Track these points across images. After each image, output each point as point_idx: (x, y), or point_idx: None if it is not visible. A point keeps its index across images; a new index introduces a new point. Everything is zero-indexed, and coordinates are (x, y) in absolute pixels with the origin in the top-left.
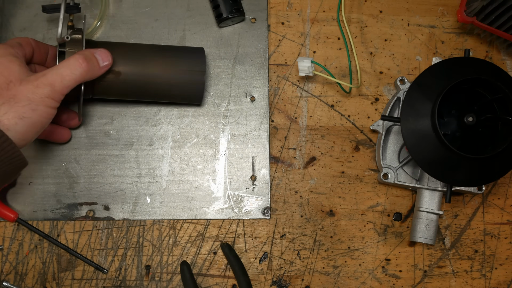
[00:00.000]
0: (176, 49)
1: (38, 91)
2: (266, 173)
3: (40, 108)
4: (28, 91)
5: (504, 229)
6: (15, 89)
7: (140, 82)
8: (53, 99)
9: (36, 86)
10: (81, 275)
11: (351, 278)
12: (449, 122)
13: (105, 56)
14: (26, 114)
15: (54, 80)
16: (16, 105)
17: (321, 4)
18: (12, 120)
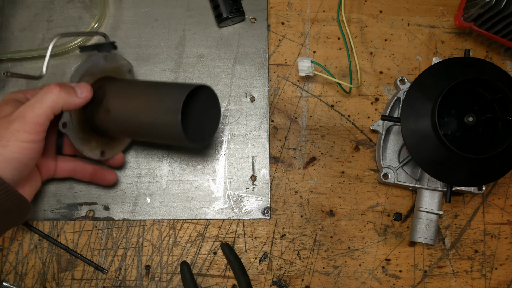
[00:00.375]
0: (171, 86)
1: (10, 125)
2: (266, 173)
3: (11, 144)
4: (1, 127)
5: (504, 229)
6: None
7: (126, 121)
8: (26, 131)
9: (9, 121)
10: (81, 275)
11: (351, 278)
12: (449, 122)
13: (84, 88)
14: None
15: (25, 111)
16: None
17: (321, 4)
18: None
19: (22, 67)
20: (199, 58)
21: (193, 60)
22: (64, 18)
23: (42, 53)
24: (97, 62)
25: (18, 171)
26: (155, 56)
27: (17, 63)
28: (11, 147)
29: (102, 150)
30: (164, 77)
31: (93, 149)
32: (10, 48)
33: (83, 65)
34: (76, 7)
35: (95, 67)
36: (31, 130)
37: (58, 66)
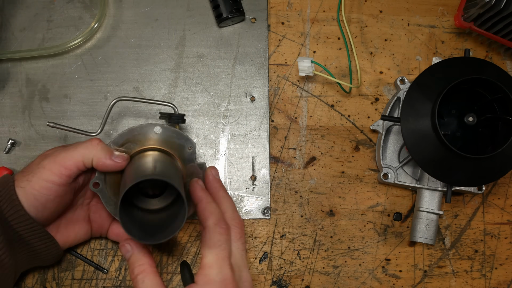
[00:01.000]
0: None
1: (41, 161)
2: (266, 173)
3: (34, 180)
4: (35, 162)
5: (504, 229)
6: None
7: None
8: (50, 170)
9: (43, 157)
10: (81, 275)
11: (351, 278)
12: (449, 122)
13: (120, 156)
14: (22, 184)
15: (59, 152)
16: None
17: (321, 4)
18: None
19: (22, 67)
20: (199, 58)
21: (193, 60)
22: (64, 18)
23: (42, 53)
24: (146, 132)
25: (35, 208)
26: (155, 56)
27: (17, 63)
28: (33, 183)
29: None
30: (164, 77)
31: None
32: (10, 48)
33: (131, 131)
34: (76, 7)
35: (143, 135)
36: (56, 170)
37: (58, 66)
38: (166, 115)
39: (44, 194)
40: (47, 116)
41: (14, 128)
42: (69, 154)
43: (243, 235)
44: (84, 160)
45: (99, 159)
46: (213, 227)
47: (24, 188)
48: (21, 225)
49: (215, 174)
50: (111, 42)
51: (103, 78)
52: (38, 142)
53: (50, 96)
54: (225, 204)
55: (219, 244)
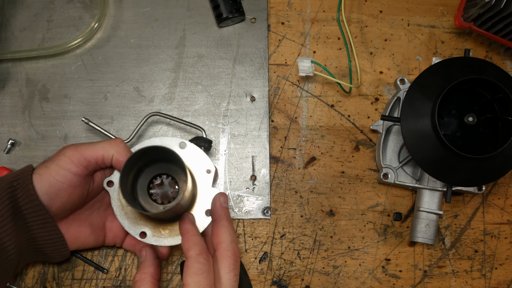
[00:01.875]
0: None
1: (62, 150)
2: (266, 173)
3: (52, 166)
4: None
5: (504, 229)
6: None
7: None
8: (69, 157)
9: (65, 147)
10: (81, 275)
11: (351, 278)
12: (449, 122)
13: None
14: (40, 171)
15: (81, 144)
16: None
17: (321, 4)
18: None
19: (22, 67)
20: (199, 58)
21: (193, 60)
22: (64, 18)
23: (42, 53)
24: (170, 145)
25: (47, 196)
26: (155, 56)
27: (17, 63)
28: (50, 169)
29: (142, 231)
30: (164, 77)
31: (135, 225)
32: (10, 48)
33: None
34: (76, 7)
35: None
36: (74, 158)
37: (58, 66)
38: (193, 140)
39: (58, 181)
40: (47, 116)
41: (14, 128)
42: (91, 146)
43: (236, 268)
44: (104, 155)
45: (119, 156)
46: (195, 256)
47: (41, 174)
48: (33, 214)
49: (223, 201)
50: (111, 42)
51: (103, 78)
52: (38, 142)
53: (50, 96)
54: (224, 234)
55: (200, 272)
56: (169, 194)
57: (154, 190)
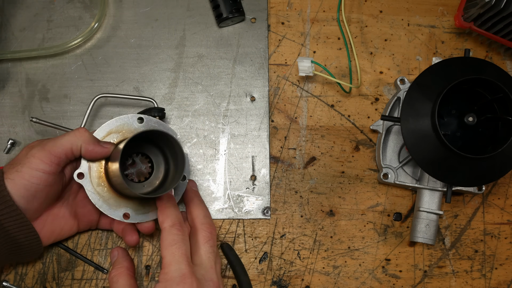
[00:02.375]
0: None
1: (29, 151)
2: (266, 173)
3: (24, 169)
4: (23, 153)
5: (504, 229)
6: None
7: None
8: (39, 158)
9: (30, 147)
10: (81, 275)
11: (351, 278)
12: (449, 122)
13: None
14: (11, 176)
15: (47, 141)
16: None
17: (321, 4)
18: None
19: (22, 67)
20: (199, 58)
21: (193, 60)
22: (64, 18)
23: (42, 53)
24: (129, 123)
25: (25, 199)
26: (155, 56)
27: (17, 63)
28: (22, 172)
29: (125, 212)
30: (164, 77)
31: (117, 208)
32: (10, 48)
33: (112, 123)
34: (76, 7)
35: (126, 126)
36: (45, 158)
37: (58, 66)
38: (146, 111)
39: (34, 183)
40: (47, 116)
41: (14, 128)
42: (58, 142)
43: (211, 239)
44: (72, 147)
45: (87, 146)
46: (168, 228)
47: (14, 179)
48: (10, 220)
49: (192, 185)
50: (111, 42)
51: (103, 78)
52: None
53: (50, 96)
54: (197, 211)
55: (174, 242)
56: (143, 170)
57: (128, 171)
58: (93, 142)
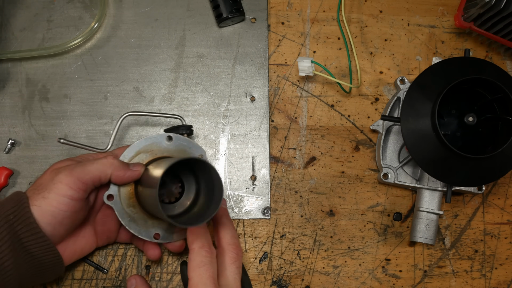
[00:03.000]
0: None
1: (56, 176)
2: (266, 173)
3: (50, 196)
4: (49, 177)
5: (504, 229)
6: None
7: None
8: (67, 184)
9: (57, 171)
10: (81, 275)
11: (351, 278)
12: (449, 122)
13: (138, 164)
14: (37, 202)
15: (74, 166)
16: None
17: (321, 4)
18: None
19: (22, 67)
20: (199, 58)
21: (193, 60)
22: (64, 18)
23: (42, 53)
24: (157, 142)
25: (51, 226)
26: (155, 56)
27: (17, 63)
28: (50, 199)
29: (156, 232)
30: (164, 77)
31: (147, 228)
32: (10, 48)
33: (141, 143)
34: (76, 7)
35: (155, 146)
36: (73, 185)
37: (58, 66)
38: (173, 129)
39: (61, 210)
40: (47, 116)
41: (14, 128)
42: (86, 169)
43: (238, 260)
44: (101, 175)
45: (118, 173)
46: (197, 249)
47: (40, 206)
48: (36, 246)
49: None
50: (111, 42)
51: (103, 78)
52: (38, 142)
53: (50, 96)
54: (224, 230)
55: (202, 264)
56: (174, 190)
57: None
58: (123, 168)
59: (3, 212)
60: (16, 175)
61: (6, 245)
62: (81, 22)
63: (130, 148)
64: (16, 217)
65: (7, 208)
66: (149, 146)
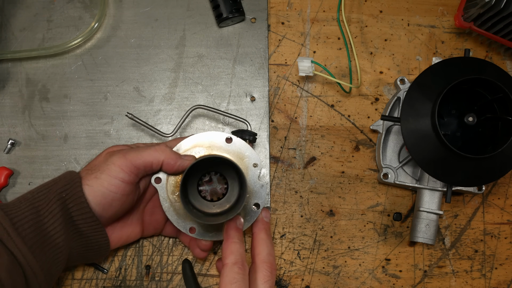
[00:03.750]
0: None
1: (109, 157)
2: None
3: (103, 176)
4: (103, 159)
5: (504, 229)
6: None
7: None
8: (119, 166)
9: (111, 153)
10: (81, 275)
11: (351, 278)
12: (449, 122)
13: (189, 155)
14: (89, 182)
15: (128, 151)
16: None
17: (321, 4)
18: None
19: (22, 67)
20: (199, 58)
21: (193, 60)
22: (64, 18)
23: (42, 53)
24: (217, 140)
25: (101, 207)
26: (155, 56)
27: (17, 63)
28: (102, 180)
29: (192, 226)
30: (164, 77)
31: (185, 220)
32: (10, 48)
33: (201, 136)
34: (76, 7)
35: (214, 143)
36: (125, 167)
37: (58, 66)
38: (238, 132)
39: (112, 191)
40: (47, 116)
41: (14, 128)
42: (139, 154)
43: (271, 279)
44: (153, 162)
45: (169, 161)
46: (230, 265)
47: (92, 186)
48: (86, 224)
49: (264, 216)
50: (111, 42)
51: (103, 78)
52: (38, 142)
53: (50, 96)
54: (261, 247)
55: (234, 281)
56: (218, 190)
57: (203, 187)
58: (175, 157)
59: (56, 189)
60: (16, 175)
61: (58, 221)
62: (81, 22)
63: (188, 140)
64: (68, 195)
65: (60, 186)
66: (208, 142)
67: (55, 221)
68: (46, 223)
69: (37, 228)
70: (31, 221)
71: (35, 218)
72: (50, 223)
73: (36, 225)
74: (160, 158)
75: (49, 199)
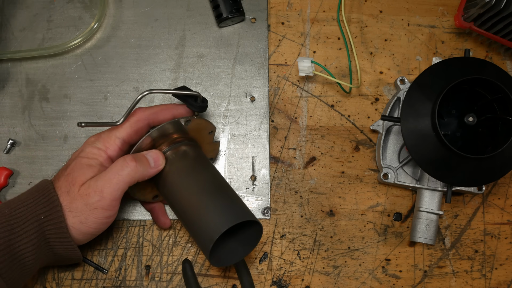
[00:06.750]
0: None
1: (88, 199)
2: (266, 173)
3: (89, 221)
4: (80, 201)
5: (504, 229)
6: (73, 195)
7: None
8: (103, 208)
9: (87, 195)
10: (81, 275)
11: (351, 278)
12: (449, 122)
13: (157, 159)
14: (75, 225)
15: (103, 186)
16: (70, 214)
17: (321, 4)
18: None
19: (22, 67)
20: (199, 58)
21: (193, 60)
22: (64, 18)
23: (42, 53)
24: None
25: (82, 236)
26: (155, 56)
27: (17, 63)
28: (89, 223)
29: (155, 195)
30: (164, 77)
31: (146, 194)
32: (10, 48)
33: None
34: (76, 7)
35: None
36: (108, 207)
37: (58, 66)
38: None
39: (102, 229)
40: (47, 116)
41: (14, 128)
42: (115, 186)
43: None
44: (129, 184)
45: (143, 176)
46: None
47: (79, 229)
48: (62, 247)
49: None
50: (111, 42)
51: (103, 78)
52: (38, 142)
53: (50, 96)
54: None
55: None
56: None
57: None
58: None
59: (35, 210)
60: (16, 175)
61: (31, 242)
62: (81, 22)
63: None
64: (47, 217)
65: (40, 207)
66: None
67: (28, 241)
68: (18, 242)
69: (8, 246)
70: (2, 239)
71: (8, 236)
72: (23, 242)
73: (8, 243)
74: (135, 177)
75: (26, 219)
